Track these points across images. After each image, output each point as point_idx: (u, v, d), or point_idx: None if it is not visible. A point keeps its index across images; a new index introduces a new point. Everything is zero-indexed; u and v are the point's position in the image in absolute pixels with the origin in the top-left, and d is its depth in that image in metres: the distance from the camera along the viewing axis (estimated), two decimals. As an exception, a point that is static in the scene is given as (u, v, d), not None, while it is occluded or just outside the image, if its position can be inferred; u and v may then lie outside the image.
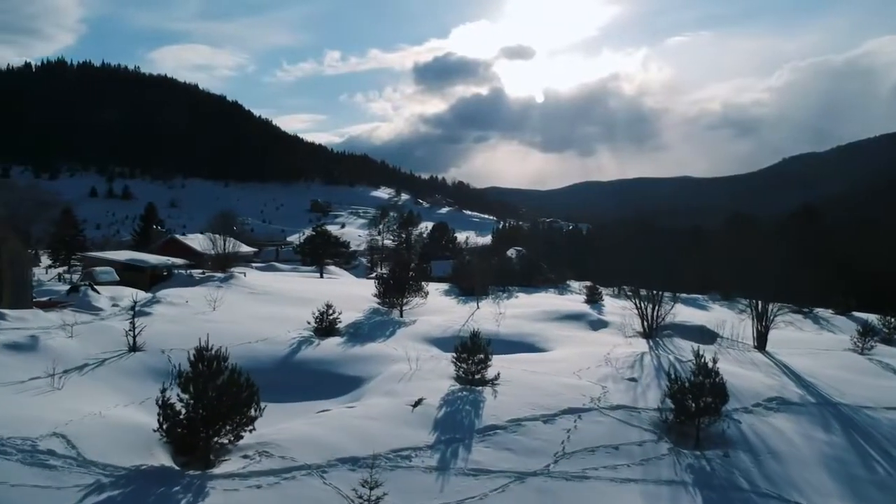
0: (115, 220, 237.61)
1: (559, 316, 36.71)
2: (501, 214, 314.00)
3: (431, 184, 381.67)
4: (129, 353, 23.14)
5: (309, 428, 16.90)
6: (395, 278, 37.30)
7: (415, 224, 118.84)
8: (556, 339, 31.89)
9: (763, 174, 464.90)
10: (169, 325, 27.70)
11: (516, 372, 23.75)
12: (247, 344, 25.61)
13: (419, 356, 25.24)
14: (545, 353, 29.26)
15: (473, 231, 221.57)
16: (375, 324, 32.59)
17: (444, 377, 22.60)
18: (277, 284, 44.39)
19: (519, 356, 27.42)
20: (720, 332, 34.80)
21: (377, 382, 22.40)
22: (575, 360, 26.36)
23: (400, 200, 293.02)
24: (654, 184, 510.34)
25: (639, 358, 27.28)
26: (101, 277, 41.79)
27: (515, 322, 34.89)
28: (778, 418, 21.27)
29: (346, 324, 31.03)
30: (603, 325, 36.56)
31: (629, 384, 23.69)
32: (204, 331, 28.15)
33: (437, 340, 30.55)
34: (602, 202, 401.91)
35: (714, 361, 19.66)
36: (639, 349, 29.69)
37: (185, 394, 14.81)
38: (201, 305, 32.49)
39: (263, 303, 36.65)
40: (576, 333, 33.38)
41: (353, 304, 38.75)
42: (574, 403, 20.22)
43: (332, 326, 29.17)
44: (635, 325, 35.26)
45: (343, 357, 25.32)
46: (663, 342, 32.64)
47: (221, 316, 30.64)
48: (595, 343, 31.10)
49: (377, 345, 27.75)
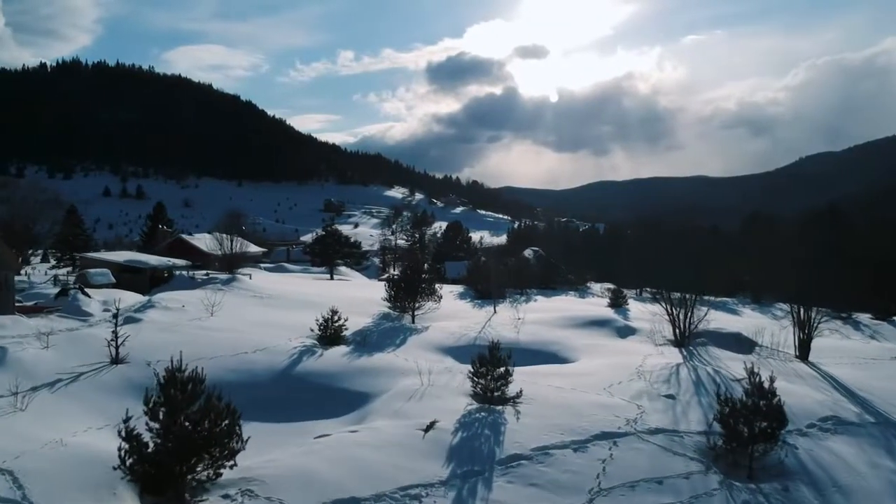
0: (128, 220, 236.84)
1: (583, 322, 34.20)
2: (516, 214, 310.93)
3: (445, 183, 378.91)
4: (110, 366, 20.92)
5: (303, 459, 14.55)
6: (407, 281, 34.88)
7: (428, 224, 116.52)
8: (580, 348, 29.41)
9: (779, 173, 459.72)
10: (160, 333, 25.47)
11: (540, 388, 21.34)
12: (242, 354, 23.35)
13: (432, 369, 22.87)
14: (570, 364, 26.83)
15: (488, 231, 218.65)
16: (385, 331, 30.23)
17: (459, 394, 20.22)
18: (283, 287, 42.14)
19: (541, 368, 24.99)
20: (758, 341, 32.16)
21: (385, 400, 20.04)
22: (604, 373, 23.89)
23: (414, 200, 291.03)
24: (669, 183, 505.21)
25: (674, 370, 24.78)
26: (96, 280, 39.72)
27: (536, 329, 32.43)
28: (837, 442, 18.78)
29: (353, 331, 28.68)
30: (630, 332, 34.00)
31: (667, 402, 21.20)
32: (197, 339, 25.97)
33: (451, 350, 28.19)
34: (616, 202, 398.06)
35: (771, 381, 17.10)
36: (672, 360, 27.17)
37: (154, 422, 12.52)
38: (198, 310, 30.26)
39: (266, 307, 34.39)
40: (602, 342, 30.85)
41: (361, 308, 36.44)
42: (608, 426, 17.81)
43: (338, 334, 26.85)
44: (666, 333, 32.69)
45: (348, 370, 22.97)
46: (697, 351, 30.08)
47: (219, 322, 28.38)
48: (624, 353, 28.59)
49: (386, 355, 25.39)
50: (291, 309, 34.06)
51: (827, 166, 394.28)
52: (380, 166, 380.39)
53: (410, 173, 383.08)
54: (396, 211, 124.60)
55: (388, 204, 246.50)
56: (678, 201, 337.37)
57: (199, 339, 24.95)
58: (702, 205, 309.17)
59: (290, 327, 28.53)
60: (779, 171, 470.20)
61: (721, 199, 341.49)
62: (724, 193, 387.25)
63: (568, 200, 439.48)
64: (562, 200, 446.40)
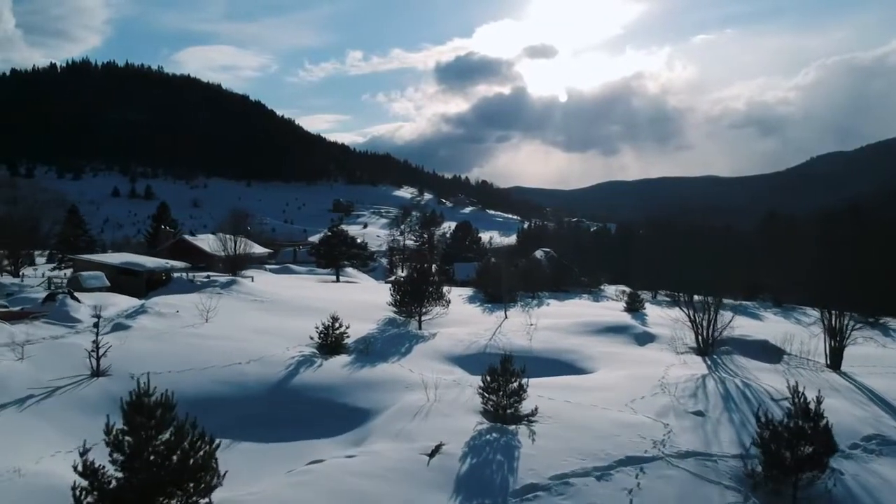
0: (137, 220, 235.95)
1: (599, 328, 32.35)
2: (525, 214, 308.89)
3: (455, 183, 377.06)
4: (90, 379, 19.30)
5: (290, 493, 12.86)
6: (413, 284, 33.09)
7: (437, 224, 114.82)
8: (598, 356, 27.62)
9: (790, 173, 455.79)
10: (149, 341, 23.86)
11: (557, 404, 19.61)
12: (235, 365, 21.70)
13: (439, 381, 21.16)
14: (588, 375, 25.06)
15: (497, 231, 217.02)
16: (389, 338, 28.52)
17: (468, 411, 18.52)
18: (284, 290, 40.47)
19: (557, 380, 23.23)
20: (786, 348, 30.28)
21: (387, 418, 18.36)
22: (625, 386, 22.13)
23: (423, 200, 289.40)
24: (679, 183, 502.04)
25: (699, 382, 23.00)
26: (89, 283, 38.13)
27: (549, 335, 30.64)
28: (884, 465, 17.05)
29: (356, 338, 27.00)
30: (650, 338, 32.14)
31: (695, 419, 19.43)
32: (188, 349, 24.34)
33: (460, 359, 26.47)
34: (626, 202, 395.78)
35: (818, 401, 15.28)
36: (697, 370, 25.38)
37: (118, 453, 10.86)
38: (192, 316, 28.64)
39: (265, 313, 32.72)
40: (620, 350, 29.04)
41: (366, 313, 34.77)
42: (633, 450, 16.08)
43: (339, 343, 25.17)
44: (687, 340, 30.86)
45: (348, 382, 21.28)
46: (722, 361, 28.27)
47: (213, 329, 26.76)
48: (644, 362, 26.79)
49: (389, 366, 23.69)
50: (291, 314, 32.41)
51: (838, 166, 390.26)
52: (389, 166, 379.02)
53: (419, 173, 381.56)
54: (405, 211, 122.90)
55: (398, 204, 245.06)
56: (688, 201, 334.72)
57: (190, 348, 23.35)
58: (712, 204, 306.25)
59: (288, 335, 26.89)
60: (789, 171, 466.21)
61: (731, 198, 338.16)
62: (734, 193, 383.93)
63: (577, 200, 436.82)
64: (571, 200, 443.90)
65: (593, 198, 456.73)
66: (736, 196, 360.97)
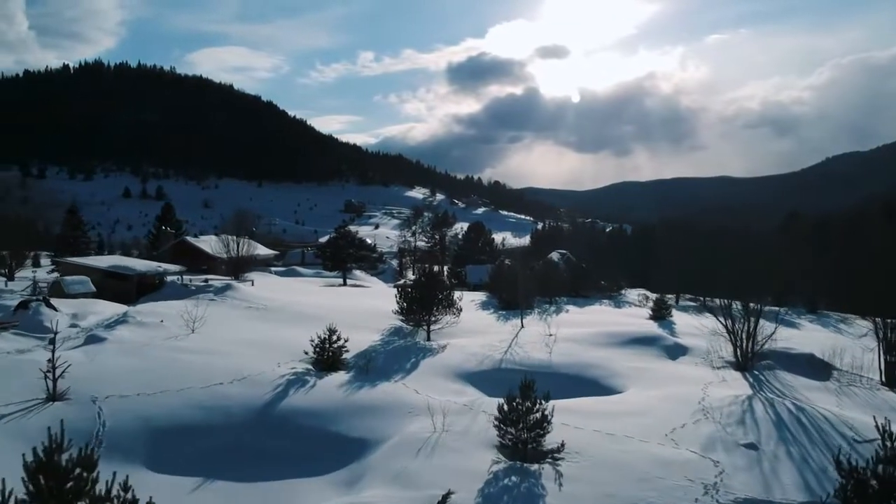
0: (147, 221, 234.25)
1: (625, 339, 29.41)
2: (539, 215, 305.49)
3: (467, 184, 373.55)
4: (44, 405, 16.67)
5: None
6: (421, 290, 30.23)
7: (449, 224, 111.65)
8: (626, 373, 24.76)
9: (806, 173, 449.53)
10: (122, 357, 21.23)
11: (586, 434, 16.84)
12: (216, 386, 19.02)
13: (447, 406, 18.43)
14: (617, 395, 22.22)
15: (510, 232, 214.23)
16: (394, 352, 25.75)
17: (482, 445, 15.79)
18: (284, 296, 37.76)
19: (584, 403, 20.42)
20: (834, 363, 27.30)
21: (386, 453, 15.64)
22: (662, 411, 19.31)
23: (435, 200, 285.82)
24: (693, 184, 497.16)
25: (745, 405, 20.13)
26: (72, 289, 35.67)
27: (571, 348, 27.78)
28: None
29: (357, 352, 24.27)
30: (681, 351, 29.20)
31: (748, 454, 16.60)
32: (165, 365, 21.58)
33: (472, 376, 23.69)
34: (640, 202, 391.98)
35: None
36: (739, 390, 22.51)
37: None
38: (178, 327, 25.97)
39: (259, 322, 30.00)
40: (650, 365, 26.14)
41: (370, 321, 32.07)
42: (682, 497, 13.40)
43: (336, 358, 22.46)
44: (723, 353, 27.94)
45: (344, 406, 18.56)
46: (765, 377, 25.36)
47: (198, 342, 24.10)
48: (679, 380, 23.91)
49: (392, 386, 20.94)
50: (288, 323, 29.69)
51: (854, 166, 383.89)
52: (401, 167, 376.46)
53: (431, 174, 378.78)
54: (416, 212, 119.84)
55: (409, 204, 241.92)
56: (705, 202, 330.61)
57: (168, 364, 20.70)
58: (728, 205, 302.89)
59: (282, 348, 24.19)
60: (805, 172, 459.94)
61: (746, 199, 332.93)
62: (748, 194, 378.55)
63: (590, 201, 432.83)
64: (584, 201, 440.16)
65: (606, 198, 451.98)
66: (751, 196, 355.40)
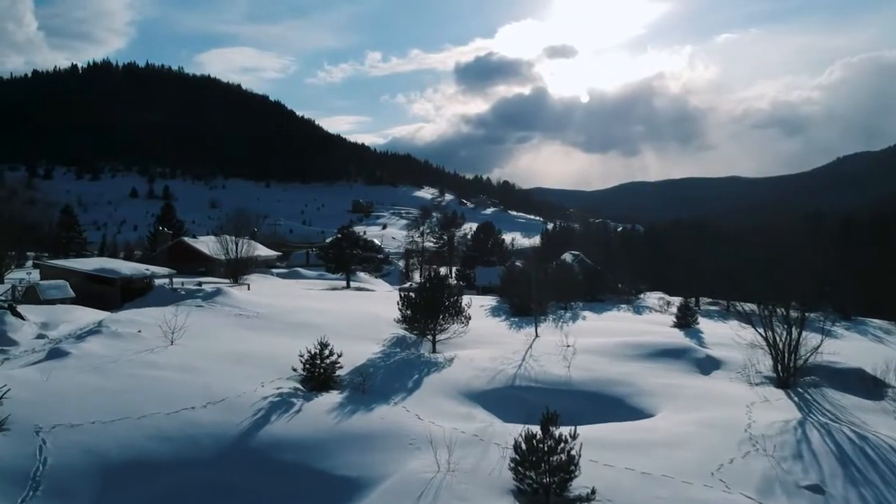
0: (154, 221, 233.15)
1: (651, 351, 26.60)
2: (548, 215, 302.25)
3: (476, 184, 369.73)
4: (-24, 437, 14.09)
5: None
6: (426, 296, 27.54)
7: (458, 225, 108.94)
8: (655, 390, 21.99)
9: (816, 174, 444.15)
10: (83, 376, 18.65)
11: (617, 473, 14.13)
12: (187, 411, 16.42)
13: (454, 436, 15.76)
14: (647, 419, 19.49)
15: (520, 232, 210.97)
16: (395, 366, 23.07)
17: (495, 490, 13.13)
18: (280, 301, 35.11)
19: (611, 430, 17.70)
20: (888, 380, 24.45)
21: (379, 498, 13.00)
22: (703, 440, 16.60)
23: (443, 201, 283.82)
24: (703, 184, 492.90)
25: (798, 434, 17.43)
26: (48, 294, 33.18)
27: (592, 361, 25.03)
28: None
29: (353, 367, 21.64)
30: (714, 365, 26.37)
31: (814, 499, 13.90)
32: (132, 385, 18.61)
33: (482, 396, 20.98)
34: (649, 202, 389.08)
35: None
36: (786, 412, 19.77)
37: None
38: (156, 337, 23.33)
39: (248, 331, 27.35)
40: (681, 381, 23.35)
41: (371, 329, 29.42)
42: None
43: (328, 376, 19.83)
44: (760, 366, 25.14)
45: (333, 437, 15.93)
46: (811, 396, 22.56)
47: (175, 356, 21.50)
48: (716, 399, 21.15)
49: (391, 409, 18.28)
50: (280, 333, 27.05)
51: (865, 166, 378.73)
52: (409, 167, 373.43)
53: (440, 174, 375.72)
54: (424, 212, 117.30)
55: (418, 205, 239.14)
56: (715, 202, 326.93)
57: (134, 384, 18.11)
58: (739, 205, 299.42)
59: (269, 362, 21.57)
60: (815, 172, 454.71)
61: (757, 199, 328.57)
62: (759, 194, 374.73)
63: (599, 201, 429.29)
64: (593, 201, 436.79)
65: (615, 199, 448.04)
66: (761, 197, 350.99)
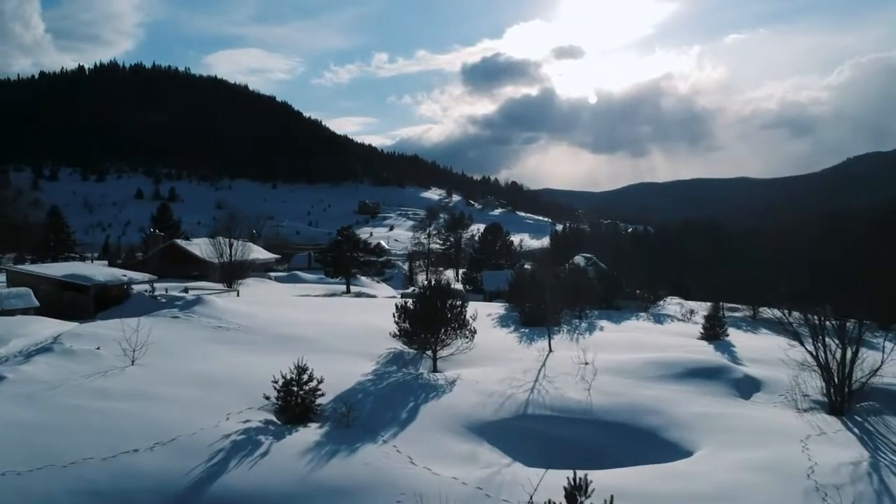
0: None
1: (682, 371, 23.32)
2: (557, 216, 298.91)
3: (484, 184, 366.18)
4: None
5: None
6: (426, 306, 24.39)
7: (465, 226, 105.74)
8: (691, 421, 18.79)
9: (826, 174, 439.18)
10: (12, 408, 15.65)
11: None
12: (128, 455, 13.40)
13: (454, 488, 12.68)
14: (685, 458, 16.34)
15: (528, 233, 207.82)
16: (388, 390, 19.94)
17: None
18: (267, 310, 32.00)
19: (644, 476, 14.57)
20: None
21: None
22: (759, 491, 13.46)
23: (451, 201, 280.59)
24: (712, 184, 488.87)
25: (874, 481, 14.31)
26: (7, 304, 30.06)
27: (615, 383, 21.83)
28: None
29: (339, 392, 18.59)
30: (754, 386, 23.10)
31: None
32: (66, 421, 14.94)
33: (489, 428, 17.80)
34: (658, 203, 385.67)
35: None
36: (849, 448, 16.62)
37: None
38: (115, 356, 20.32)
39: (226, 346, 24.28)
40: (721, 409, 20.11)
41: (365, 343, 26.33)
42: None
43: (307, 405, 16.78)
44: (805, 386, 21.90)
45: (304, 490, 12.84)
46: (872, 425, 19.34)
47: (132, 380, 18.50)
48: (765, 431, 17.94)
49: (378, 448, 15.17)
50: (262, 349, 24.00)
51: (875, 167, 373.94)
52: (417, 167, 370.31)
53: (447, 174, 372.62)
54: (431, 213, 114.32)
55: (425, 205, 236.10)
56: (724, 203, 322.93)
57: (73, 418, 15.13)
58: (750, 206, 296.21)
59: (241, 387, 18.54)
60: (825, 172, 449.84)
61: (767, 200, 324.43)
62: (769, 195, 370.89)
63: (608, 202, 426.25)
64: (601, 202, 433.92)
65: (623, 199, 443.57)
66: (771, 197, 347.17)
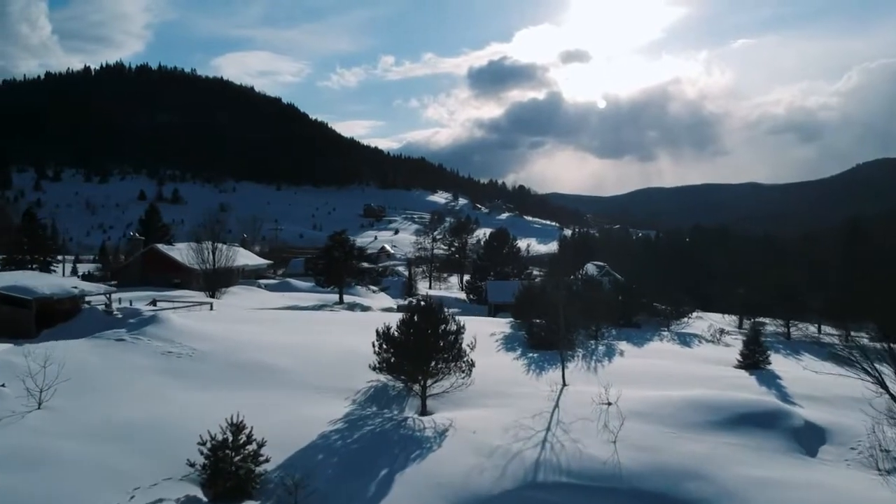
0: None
1: (729, 415, 18.68)
2: (564, 221, 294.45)
3: (491, 188, 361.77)
4: None
5: None
6: (413, 333, 20.00)
7: (470, 231, 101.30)
8: (745, 490, 14.40)
9: (835, 180, 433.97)
10: None
11: None
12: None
13: None
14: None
15: (535, 238, 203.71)
16: (359, 447, 15.62)
17: None
18: (235, 329, 27.65)
19: None
20: None
21: None
22: None
23: (457, 205, 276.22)
24: (720, 190, 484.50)
25: None
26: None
27: (645, 433, 17.41)
28: None
29: (290, 455, 14.32)
30: (818, 437, 18.64)
31: None
32: None
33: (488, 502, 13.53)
34: (665, 208, 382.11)
35: None
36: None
37: None
38: (23, 396, 16.19)
39: (171, 379, 20.00)
40: (786, 472, 15.72)
41: (343, 375, 21.99)
42: None
43: (241, 477, 12.53)
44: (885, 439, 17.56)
45: None
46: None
47: (23, 433, 14.32)
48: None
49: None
50: (214, 383, 19.73)
51: (885, 173, 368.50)
52: (423, 170, 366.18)
53: (454, 178, 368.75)
54: (435, 216, 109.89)
55: (431, 209, 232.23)
56: (732, 209, 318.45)
57: None
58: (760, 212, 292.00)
59: (168, 441, 14.33)
60: (833, 179, 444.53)
61: (776, 207, 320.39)
62: (777, 201, 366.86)
63: (615, 207, 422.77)
64: (609, 207, 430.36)
65: (631, 204, 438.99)
66: (779, 204, 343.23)
